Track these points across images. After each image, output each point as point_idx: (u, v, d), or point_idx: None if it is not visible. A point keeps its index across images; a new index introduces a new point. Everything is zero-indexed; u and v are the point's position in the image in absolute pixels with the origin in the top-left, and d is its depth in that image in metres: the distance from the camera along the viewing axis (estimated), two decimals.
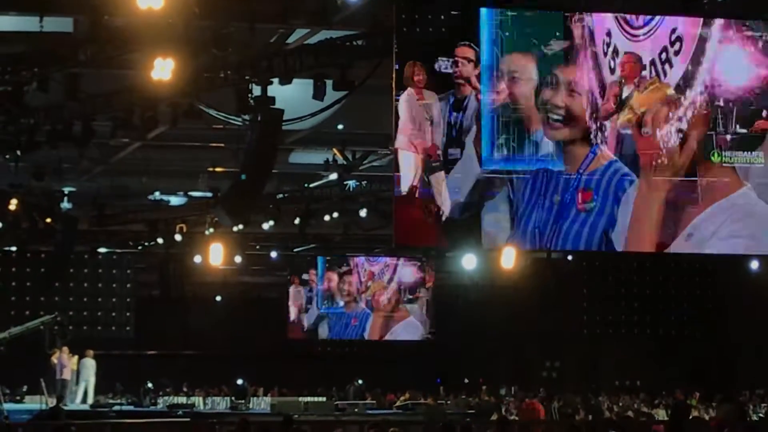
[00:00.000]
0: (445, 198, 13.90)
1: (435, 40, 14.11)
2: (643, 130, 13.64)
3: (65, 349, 29.18)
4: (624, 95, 14.17)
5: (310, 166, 26.40)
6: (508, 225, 13.96)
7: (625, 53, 14.39)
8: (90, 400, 29.27)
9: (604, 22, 14.50)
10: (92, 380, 29.63)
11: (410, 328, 32.51)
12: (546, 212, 13.75)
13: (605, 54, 14.34)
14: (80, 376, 29.37)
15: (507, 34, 14.08)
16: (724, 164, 14.06)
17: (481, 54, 13.98)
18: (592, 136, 13.88)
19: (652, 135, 13.58)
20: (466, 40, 14.05)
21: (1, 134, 21.04)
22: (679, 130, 13.95)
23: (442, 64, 13.98)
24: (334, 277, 32.90)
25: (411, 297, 33.07)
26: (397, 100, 13.89)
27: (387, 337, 32.58)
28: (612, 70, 14.32)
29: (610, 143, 13.92)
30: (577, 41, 14.36)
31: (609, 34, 14.43)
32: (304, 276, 33.53)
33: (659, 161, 13.45)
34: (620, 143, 13.94)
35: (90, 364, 29.61)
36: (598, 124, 14.01)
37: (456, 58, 13.97)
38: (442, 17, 14.16)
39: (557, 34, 14.20)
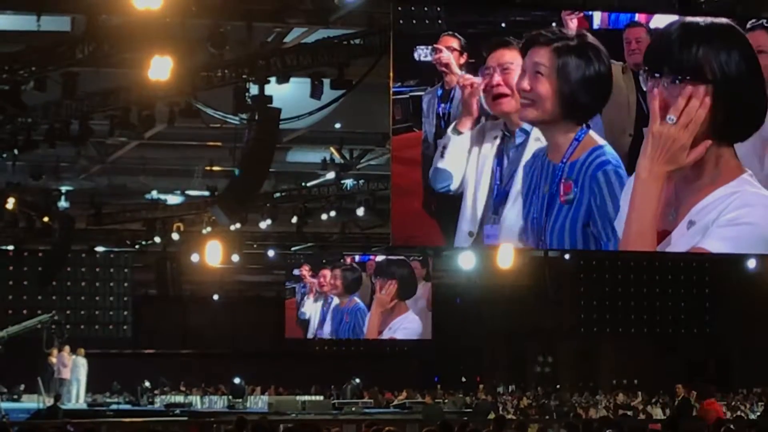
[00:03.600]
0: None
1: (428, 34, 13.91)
2: (668, 117, 13.05)
3: (66, 348, 29.16)
4: None
5: (308, 164, 26.43)
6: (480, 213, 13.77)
7: None
8: (81, 399, 29.25)
9: None
10: (83, 379, 29.56)
11: (409, 322, 32.43)
12: (540, 202, 13.58)
13: None
14: (72, 375, 29.36)
15: None
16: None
17: None
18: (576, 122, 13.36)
19: (675, 125, 12.95)
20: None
21: None
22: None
23: (422, 53, 13.81)
24: (327, 273, 32.84)
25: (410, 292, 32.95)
26: (394, 98, 13.79)
27: (386, 333, 32.49)
28: None
29: None
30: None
31: None
32: (295, 272, 33.39)
33: (667, 153, 12.94)
34: None
35: (81, 363, 29.54)
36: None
37: (436, 46, 13.78)
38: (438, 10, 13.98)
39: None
